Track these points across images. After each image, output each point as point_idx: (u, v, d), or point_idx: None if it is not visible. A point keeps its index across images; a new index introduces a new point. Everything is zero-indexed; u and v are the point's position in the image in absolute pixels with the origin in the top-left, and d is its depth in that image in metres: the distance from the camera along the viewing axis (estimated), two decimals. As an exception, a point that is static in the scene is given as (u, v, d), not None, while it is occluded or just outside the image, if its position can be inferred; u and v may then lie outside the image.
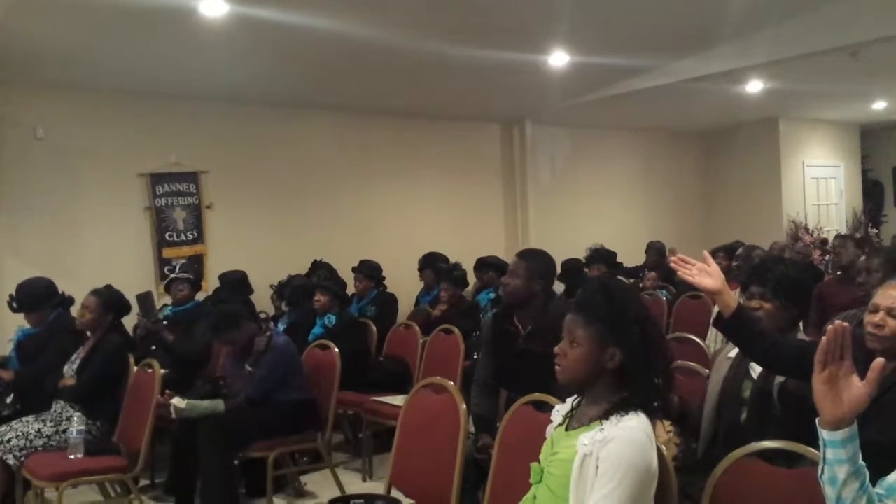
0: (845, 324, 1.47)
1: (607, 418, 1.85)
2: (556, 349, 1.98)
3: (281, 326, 5.78)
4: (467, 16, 5.02)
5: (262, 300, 6.34)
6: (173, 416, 3.95)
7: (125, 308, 4.39)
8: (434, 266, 6.83)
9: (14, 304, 4.54)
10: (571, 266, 6.81)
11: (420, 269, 7.03)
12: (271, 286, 6.50)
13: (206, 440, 3.89)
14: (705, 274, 2.27)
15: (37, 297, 4.51)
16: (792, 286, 2.62)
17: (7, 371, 4.44)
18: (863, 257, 4.05)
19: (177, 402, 3.95)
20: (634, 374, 1.89)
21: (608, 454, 1.78)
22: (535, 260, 3.37)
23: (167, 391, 4.01)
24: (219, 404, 4.03)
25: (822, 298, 4.37)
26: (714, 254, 6.90)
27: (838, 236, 5.58)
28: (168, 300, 5.82)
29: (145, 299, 5.32)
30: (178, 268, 6.35)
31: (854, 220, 10.69)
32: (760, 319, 2.52)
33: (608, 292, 1.97)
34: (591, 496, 1.77)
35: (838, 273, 5.27)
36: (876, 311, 2.23)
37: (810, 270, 3.74)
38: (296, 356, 4.35)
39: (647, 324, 1.96)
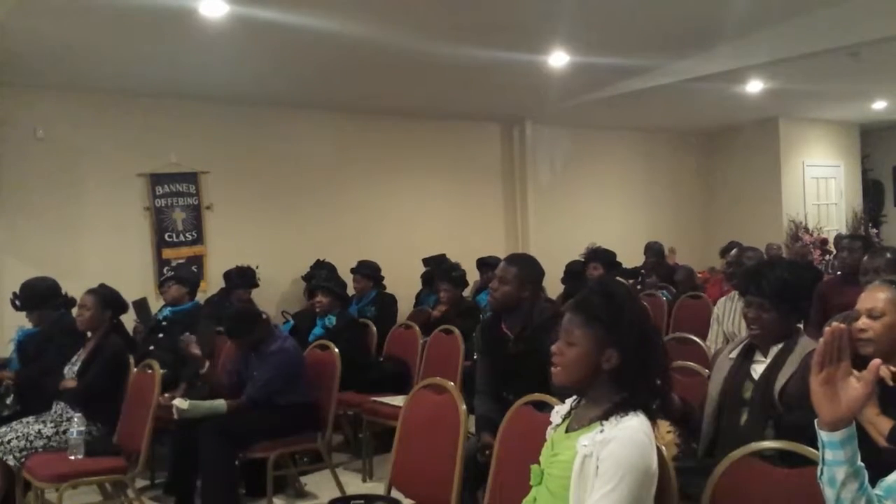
0: (843, 325, 1.48)
1: (607, 419, 1.84)
2: (554, 348, 1.96)
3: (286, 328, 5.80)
4: (467, 16, 5.02)
5: (264, 300, 6.33)
6: (175, 416, 3.96)
7: (122, 305, 4.38)
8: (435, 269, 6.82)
9: (17, 303, 4.54)
10: (573, 269, 6.79)
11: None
12: (303, 278, 6.82)
13: (206, 441, 3.89)
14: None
15: (40, 296, 4.51)
16: (790, 291, 2.56)
17: (8, 371, 4.44)
18: (866, 257, 4.02)
19: (179, 402, 3.97)
20: (633, 375, 1.89)
21: (608, 454, 1.77)
22: (525, 266, 3.34)
23: (165, 394, 4.01)
24: (220, 405, 4.04)
25: (823, 298, 4.34)
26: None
27: (848, 237, 5.51)
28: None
29: (141, 305, 5.32)
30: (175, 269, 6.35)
31: (854, 220, 10.67)
32: None
33: (608, 293, 1.96)
34: (590, 496, 1.77)
35: (839, 273, 5.24)
36: (858, 316, 2.24)
37: (809, 271, 3.69)
38: (301, 361, 4.35)
39: (645, 326, 1.95)
